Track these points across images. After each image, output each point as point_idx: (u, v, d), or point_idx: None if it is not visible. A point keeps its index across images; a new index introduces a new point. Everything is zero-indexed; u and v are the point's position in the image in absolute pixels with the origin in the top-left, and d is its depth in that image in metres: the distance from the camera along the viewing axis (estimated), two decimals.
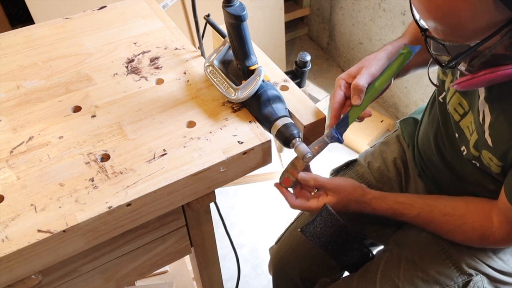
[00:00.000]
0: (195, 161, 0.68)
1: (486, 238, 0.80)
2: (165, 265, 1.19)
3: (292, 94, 0.81)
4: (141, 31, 0.92)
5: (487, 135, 0.74)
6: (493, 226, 0.79)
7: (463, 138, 0.82)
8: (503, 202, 0.74)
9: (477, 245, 0.85)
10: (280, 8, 2.17)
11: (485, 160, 0.76)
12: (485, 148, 0.75)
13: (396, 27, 1.98)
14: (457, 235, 0.84)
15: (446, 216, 0.83)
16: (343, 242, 0.89)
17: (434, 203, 0.85)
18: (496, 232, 0.79)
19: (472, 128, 0.79)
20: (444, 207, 0.84)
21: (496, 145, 0.73)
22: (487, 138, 0.74)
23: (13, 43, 0.89)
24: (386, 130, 2.12)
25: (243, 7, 0.69)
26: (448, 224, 0.83)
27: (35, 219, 0.61)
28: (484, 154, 0.76)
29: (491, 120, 0.73)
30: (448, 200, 0.85)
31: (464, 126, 0.81)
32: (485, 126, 0.74)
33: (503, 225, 0.77)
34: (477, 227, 0.80)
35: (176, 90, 0.80)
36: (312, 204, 0.84)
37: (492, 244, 0.82)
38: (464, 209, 0.82)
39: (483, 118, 0.74)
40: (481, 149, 0.76)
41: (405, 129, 1.08)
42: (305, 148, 0.73)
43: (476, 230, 0.81)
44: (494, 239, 0.79)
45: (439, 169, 0.92)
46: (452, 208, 0.83)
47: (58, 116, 0.75)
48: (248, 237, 1.80)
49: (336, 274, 1.08)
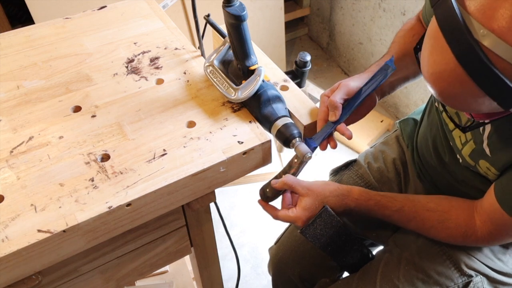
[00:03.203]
0: (195, 161, 0.68)
1: (469, 236, 0.80)
2: (165, 265, 1.19)
3: (292, 94, 0.81)
4: (141, 31, 0.92)
5: (485, 145, 0.74)
6: (476, 225, 0.79)
7: (456, 147, 0.82)
8: (489, 201, 0.74)
9: (459, 243, 0.85)
10: (280, 8, 2.17)
11: (482, 170, 0.77)
12: (483, 158, 0.75)
13: (396, 27, 1.98)
14: (440, 231, 0.83)
15: (429, 212, 0.83)
16: (343, 243, 0.89)
17: (417, 198, 0.86)
18: (478, 231, 0.79)
19: (466, 137, 0.79)
20: (427, 203, 0.84)
21: (494, 155, 0.73)
22: (485, 148, 0.74)
23: (13, 43, 0.89)
24: (386, 130, 2.12)
25: (243, 7, 0.69)
26: (431, 220, 0.83)
27: (35, 219, 0.60)
28: (481, 164, 0.76)
29: (491, 131, 0.73)
30: (431, 197, 0.86)
31: (456, 136, 0.82)
32: (484, 135, 0.74)
33: (486, 225, 0.77)
34: (461, 223, 0.80)
35: (176, 90, 0.80)
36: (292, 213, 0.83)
37: (473, 242, 0.82)
38: (448, 205, 0.83)
39: (483, 128, 0.74)
40: (478, 159, 0.76)
41: (405, 130, 1.08)
42: (305, 148, 0.73)
43: (460, 226, 0.80)
44: (476, 238, 0.79)
45: (437, 172, 0.92)
46: (435, 204, 0.83)
47: (58, 116, 0.75)
48: (248, 237, 1.80)
49: (336, 274, 1.08)
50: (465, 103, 0.59)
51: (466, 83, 0.55)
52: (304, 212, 0.83)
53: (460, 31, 0.53)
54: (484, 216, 0.77)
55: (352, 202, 0.85)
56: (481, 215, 0.78)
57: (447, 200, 0.84)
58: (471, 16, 0.53)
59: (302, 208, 0.83)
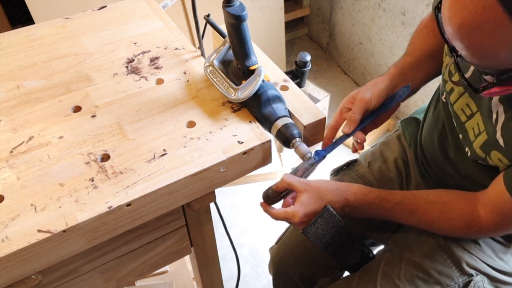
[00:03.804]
0: (195, 161, 0.68)
1: (472, 226, 0.80)
2: (165, 265, 1.19)
3: (292, 94, 0.80)
4: (141, 31, 0.92)
5: (499, 135, 0.73)
6: (479, 216, 0.79)
7: (467, 140, 0.82)
8: (496, 191, 0.74)
9: (462, 234, 0.84)
10: (280, 8, 2.17)
11: (493, 161, 0.76)
12: (495, 148, 0.74)
13: (396, 27, 1.98)
14: (443, 223, 0.83)
15: (430, 204, 0.83)
16: (344, 242, 0.89)
17: (417, 192, 0.86)
18: (482, 222, 0.78)
19: (479, 129, 0.78)
20: (427, 195, 0.84)
21: (508, 145, 0.72)
22: (499, 139, 0.73)
23: (13, 43, 0.89)
24: (386, 130, 2.12)
25: (243, 7, 0.69)
26: (433, 211, 0.83)
27: (35, 219, 0.60)
28: (493, 155, 0.75)
29: (505, 120, 0.72)
30: (431, 190, 0.86)
31: (469, 128, 0.81)
32: (497, 126, 0.73)
33: (492, 215, 0.77)
34: (464, 213, 0.80)
35: (176, 90, 0.80)
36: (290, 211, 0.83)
37: (477, 233, 0.81)
38: (448, 196, 0.83)
39: (496, 118, 0.73)
40: (490, 150, 0.76)
41: (407, 129, 1.08)
42: (305, 148, 0.73)
43: (463, 216, 0.80)
44: (480, 228, 0.79)
45: (442, 169, 0.92)
46: (436, 196, 0.84)
47: (58, 116, 0.75)
48: (248, 237, 1.80)
49: (336, 273, 1.08)
50: (495, 51, 0.56)
51: (498, 19, 0.52)
52: (301, 206, 0.82)
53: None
54: (490, 206, 0.77)
55: (351, 196, 0.85)
56: (486, 205, 0.77)
57: (447, 192, 0.84)
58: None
59: (299, 203, 0.82)
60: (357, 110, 0.83)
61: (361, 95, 0.84)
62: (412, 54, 0.92)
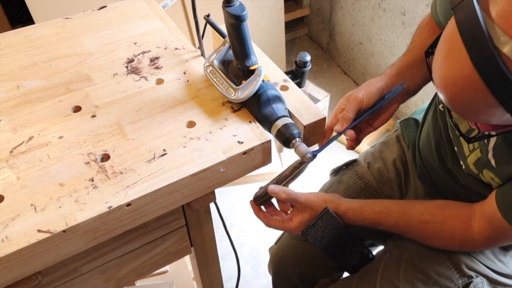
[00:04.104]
0: (195, 161, 0.68)
1: (465, 244, 0.81)
2: (165, 265, 1.19)
3: (292, 94, 0.80)
4: (141, 31, 0.92)
5: (491, 155, 0.73)
6: (473, 232, 0.79)
7: (461, 153, 0.82)
8: (490, 207, 0.74)
9: (456, 250, 0.86)
10: (280, 8, 2.17)
11: (486, 179, 0.76)
12: (487, 168, 0.75)
13: (396, 27, 1.98)
14: (436, 242, 0.85)
15: (423, 224, 0.83)
16: (343, 244, 0.89)
17: (411, 211, 0.85)
18: (476, 238, 0.79)
19: (474, 145, 0.78)
20: (421, 215, 0.84)
21: (500, 166, 0.72)
22: (490, 159, 0.74)
23: (13, 43, 0.89)
24: (386, 130, 2.12)
25: (243, 7, 0.69)
26: (426, 232, 0.84)
27: (35, 219, 0.60)
28: (486, 173, 0.76)
29: (496, 142, 0.72)
30: (426, 207, 0.85)
31: (464, 142, 0.81)
32: (489, 146, 0.74)
33: (486, 231, 0.77)
34: (456, 234, 0.81)
35: (176, 90, 0.80)
36: (287, 225, 0.87)
37: (471, 248, 0.83)
38: (443, 215, 0.82)
39: (488, 140, 0.74)
40: (483, 168, 0.76)
41: (405, 130, 1.08)
42: (305, 148, 0.73)
43: (456, 237, 0.81)
44: (474, 244, 0.80)
45: (439, 175, 0.92)
46: (430, 215, 0.83)
47: (58, 116, 0.75)
48: (248, 237, 1.80)
49: (336, 274, 1.08)
50: (476, 112, 0.57)
51: (480, 91, 0.53)
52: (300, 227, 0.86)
53: (482, 36, 0.50)
54: (484, 222, 0.77)
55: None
56: (480, 220, 0.77)
57: (442, 209, 0.84)
58: (494, 22, 0.50)
59: (298, 222, 0.86)
60: (350, 109, 0.83)
61: (354, 94, 0.84)
62: (412, 53, 0.92)
